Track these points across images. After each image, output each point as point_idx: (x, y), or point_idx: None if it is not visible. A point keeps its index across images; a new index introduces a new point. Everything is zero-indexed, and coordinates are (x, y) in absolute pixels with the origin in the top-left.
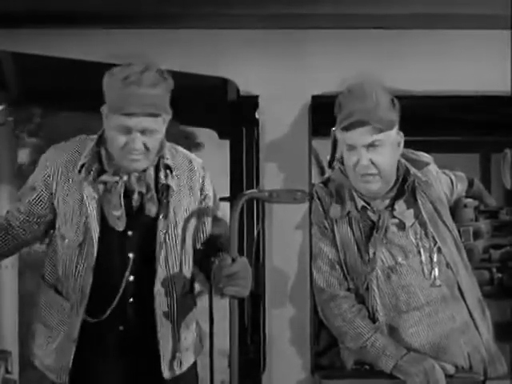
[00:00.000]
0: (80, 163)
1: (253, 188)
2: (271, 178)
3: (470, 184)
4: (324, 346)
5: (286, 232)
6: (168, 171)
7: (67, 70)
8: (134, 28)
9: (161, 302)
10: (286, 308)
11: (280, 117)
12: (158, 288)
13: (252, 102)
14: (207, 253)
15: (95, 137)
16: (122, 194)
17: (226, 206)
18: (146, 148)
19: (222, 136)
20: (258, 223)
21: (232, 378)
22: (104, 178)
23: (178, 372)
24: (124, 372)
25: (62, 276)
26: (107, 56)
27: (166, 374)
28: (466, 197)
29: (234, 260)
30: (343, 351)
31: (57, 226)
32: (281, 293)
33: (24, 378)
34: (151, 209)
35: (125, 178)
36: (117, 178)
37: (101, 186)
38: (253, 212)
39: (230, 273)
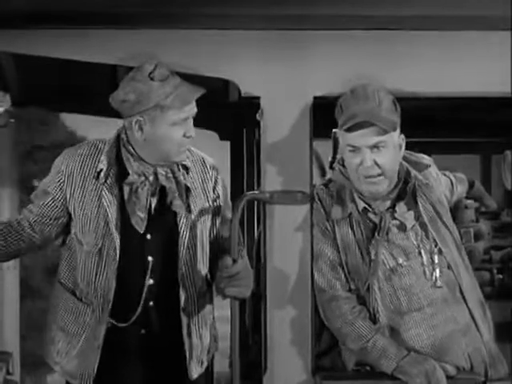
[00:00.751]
0: (97, 169)
1: (254, 189)
2: (272, 179)
3: (471, 185)
4: (325, 347)
5: (286, 233)
6: (184, 171)
7: (68, 70)
8: (134, 28)
9: (184, 303)
10: (287, 309)
11: (281, 118)
12: (181, 289)
13: (253, 103)
14: (215, 253)
15: (107, 140)
16: (150, 195)
17: None
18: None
19: (222, 137)
20: (258, 224)
21: (233, 379)
22: (130, 179)
23: (200, 372)
24: (146, 375)
25: (81, 281)
26: (108, 56)
27: (192, 374)
28: (467, 198)
29: (234, 261)
30: (344, 352)
31: (72, 231)
32: (282, 294)
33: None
34: (177, 203)
35: (151, 177)
36: (143, 179)
37: (126, 188)
38: (254, 213)
39: (232, 274)
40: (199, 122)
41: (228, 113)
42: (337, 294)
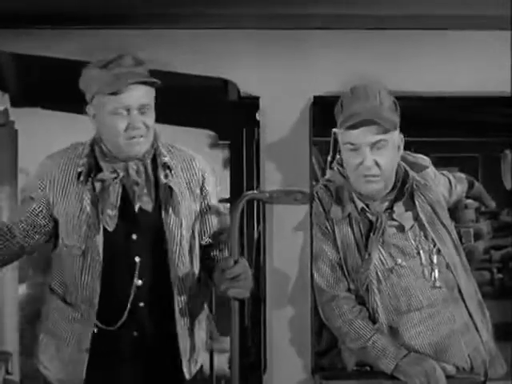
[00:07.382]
0: (78, 171)
1: (253, 189)
2: (271, 179)
3: (470, 185)
4: (325, 346)
5: (286, 233)
6: (168, 171)
7: (67, 70)
8: (133, 29)
9: (177, 303)
10: (286, 309)
11: (281, 118)
12: (174, 289)
13: (253, 102)
14: (209, 249)
15: (86, 142)
16: (120, 192)
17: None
18: (146, 126)
19: (222, 137)
20: (258, 224)
21: (233, 379)
22: (101, 175)
23: (194, 371)
24: (141, 378)
25: (70, 285)
26: (107, 56)
27: (187, 374)
28: (467, 198)
29: (235, 262)
30: (344, 352)
31: (60, 235)
32: (281, 294)
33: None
34: (145, 199)
35: (121, 174)
36: (114, 175)
37: (98, 185)
38: (253, 213)
39: (234, 275)
40: (199, 122)
41: (227, 113)
42: (336, 294)
